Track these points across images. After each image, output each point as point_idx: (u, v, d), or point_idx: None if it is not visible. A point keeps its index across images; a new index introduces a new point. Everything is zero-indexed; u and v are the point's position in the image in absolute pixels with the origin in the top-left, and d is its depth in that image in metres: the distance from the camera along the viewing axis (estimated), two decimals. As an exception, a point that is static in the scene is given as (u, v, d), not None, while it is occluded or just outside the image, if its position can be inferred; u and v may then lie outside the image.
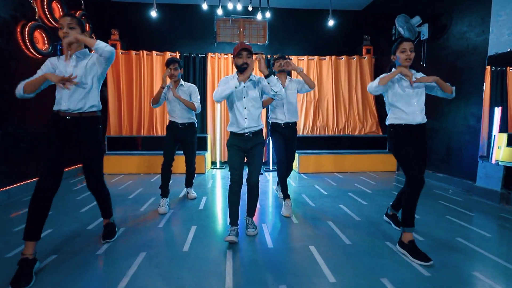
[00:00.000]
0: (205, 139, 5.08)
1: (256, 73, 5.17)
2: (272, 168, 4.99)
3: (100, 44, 1.80)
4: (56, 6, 3.93)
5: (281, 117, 2.84)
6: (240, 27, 6.06)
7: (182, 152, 3.13)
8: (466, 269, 1.75)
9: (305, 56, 5.48)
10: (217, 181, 4.22)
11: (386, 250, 2.00)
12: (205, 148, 5.03)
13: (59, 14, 3.97)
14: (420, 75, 2.18)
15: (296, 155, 4.90)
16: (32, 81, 1.79)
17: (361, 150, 5.06)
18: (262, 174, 4.68)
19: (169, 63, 2.87)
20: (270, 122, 2.95)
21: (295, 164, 4.97)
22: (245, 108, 2.14)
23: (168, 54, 5.26)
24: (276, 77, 2.75)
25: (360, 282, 1.61)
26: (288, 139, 2.86)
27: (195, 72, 5.37)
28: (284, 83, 2.94)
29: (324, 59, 5.53)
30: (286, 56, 2.95)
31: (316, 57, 5.49)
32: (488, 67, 3.18)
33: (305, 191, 3.60)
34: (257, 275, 1.69)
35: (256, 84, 2.20)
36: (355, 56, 5.55)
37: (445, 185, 3.86)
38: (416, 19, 4.18)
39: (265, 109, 3.24)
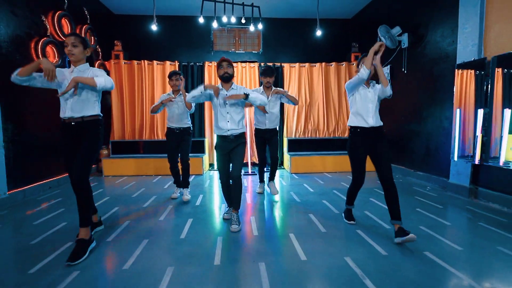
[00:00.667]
0: (203, 142, 5.41)
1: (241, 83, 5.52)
2: (266, 169, 5.31)
3: (100, 84, 2.06)
4: (65, 22, 4.30)
5: (262, 125, 3.40)
6: (236, 36, 6.42)
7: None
8: (420, 249, 2.06)
9: (297, 63, 5.82)
10: (214, 181, 4.54)
11: (355, 236, 2.31)
12: (203, 151, 5.36)
13: (67, 29, 4.34)
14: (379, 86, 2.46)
15: (288, 156, 5.23)
16: (27, 66, 1.99)
17: (350, 151, 5.37)
18: (256, 174, 5.00)
19: (171, 75, 3.33)
20: (254, 127, 3.44)
21: (287, 164, 5.30)
22: (227, 113, 2.50)
23: (168, 64, 5.61)
24: (261, 89, 3.17)
25: (327, 260, 1.93)
26: (269, 140, 3.44)
27: (193, 80, 5.72)
28: (269, 95, 3.37)
29: (315, 65, 5.86)
30: (276, 65, 3.36)
31: (307, 64, 5.83)
32: (457, 73, 3.49)
33: (294, 189, 3.91)
34: (241, 255, 2.00)
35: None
36: (344, 63, 5.89)
37: (424, 183, 4.16)
38: (396, 29, 4.52)
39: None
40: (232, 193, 2.56)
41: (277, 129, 3.54)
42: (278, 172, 5.19)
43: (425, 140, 4.23)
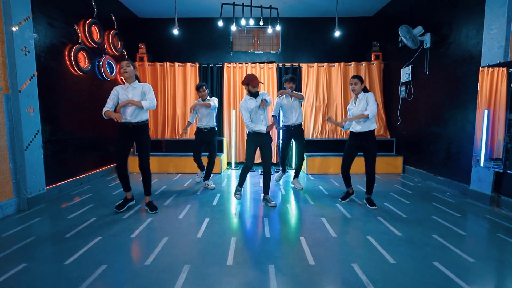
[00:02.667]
0: (221, 141, 5.59)
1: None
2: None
3: (145, 106, 2.92)
4: (94, 29, 4.61)
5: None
6: (255, 36, 6.49)
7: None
8: (430, 259, 2.08)
9: (315, 64, 5.80)
10: (232, 180, 4.70)
11: (365, 243, 2.35)
12: (221, 150, 5.54)
13: (97, 36, 4.64)
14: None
15: (304, 156, 5.26)
16: (106, 113, 2.92)
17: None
18: (272, 174, 5.09)
19: (198, 88, 4.07)
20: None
21: (303, 165, 5.34)
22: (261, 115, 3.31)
23: (189, 65, 5.82)
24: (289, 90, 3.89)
25: (334, 266, 2.00)
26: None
27: (213, 81, 5.89)
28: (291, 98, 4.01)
29: (334, 65, 5.82)
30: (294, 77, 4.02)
31: (325, 64, 5.80)
32: (486, 72, 3.34)
33: (308, 191, 3.97)
34: (253, 257, 2.13)
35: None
36: (364, 62, 5.78)
37: (444, 188, 4.06)
38: (418, 29, 4.38)
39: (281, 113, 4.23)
40: (265, 182, 3.36)
41: (302, 126, 4.17)
42: (293, 173, 5.25)
43: (446, 144, 4.11)
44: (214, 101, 4.06)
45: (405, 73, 5.00)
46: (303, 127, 4.27)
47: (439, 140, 4.26)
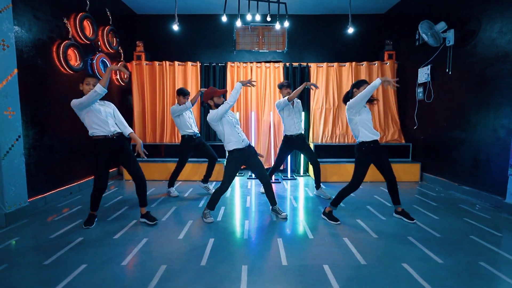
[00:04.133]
0: (222, 146, 5.17)
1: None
2: (290, 177, 5.01)
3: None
4: (87, 24, 4.22)
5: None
6: (259, 34, 6.12)
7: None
8: (488, 299, 1.69)
9: (324, 63, 5.43)
10: (236, 188, 4.30)
11: (401, 272, 1.96)
12: (223, 156, 5.14)
13: (89, 31, 4.25)
14: None
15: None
16: (104, 78, 2.66)
17: (382, 159, 4.93)
18: (280, 182, 4.71)
19: (185, 94, 3.84)
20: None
21: (311, 172, 4.95)
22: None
23: (189, 64, 5.43)
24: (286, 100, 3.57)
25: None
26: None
27: (215, 81, 5.50)
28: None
29: (344, 65, 5.45)
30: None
31: (335, 64, 5.43)
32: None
33: (323, 203, 3.58)
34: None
35: None
36: (376, 62, 5.42)
37: (471, 199, 3.68)
38: (441, 25, 4.02)
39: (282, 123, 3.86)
40: (268, 193, 3.02)
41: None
42: (303, 180, 4.88)
43: (473, 150, 3.73)
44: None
45: (424, 73, 4.62)
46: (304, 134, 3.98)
47: (464, 146, 3.88)
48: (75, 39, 3.97)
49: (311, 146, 5.20)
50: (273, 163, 4.12)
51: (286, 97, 3.57)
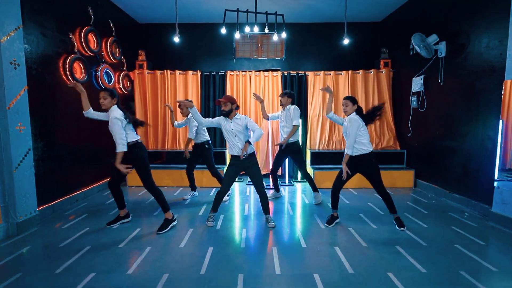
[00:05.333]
0: (223, 154, 5.35)
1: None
2: (288, 182, 5.16)
3: (118, 149, 2.87)
4: (91, 37, 4.39)
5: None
6: (258, 42, 6.27)
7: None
8: (463, 307, 1.84)
9: (322, 72, 5.57)
10: (235, 195, 4.46)
11: (386, 281, 2.12)
12: (223, 162, 5.30)
13: (94, 44, 4.42)
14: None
15: (311, 170, 5.04)
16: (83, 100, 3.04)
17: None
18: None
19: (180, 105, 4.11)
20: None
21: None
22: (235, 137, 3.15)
23: (190, 73, 5.59)
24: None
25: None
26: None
27: (215, 89, 5.66)
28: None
29: (341, 74, 5.59)
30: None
31: (332, 72, 5.57)
32: (506, 90, 3.12)
33: (318, 211, 3.74)
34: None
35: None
36: (372, 70, 5.56)
37: (461, 207, 3.82)
38: (433, 38, 4.15)
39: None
40: (262, 203, 3.22)
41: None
42: (300, 187, 5.03)
43: (463, 159, 3.87)
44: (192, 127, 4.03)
45: (417, 83, 4.76)
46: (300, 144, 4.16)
47: (455, 155, 4.02)
48: (80, 53, 4.14)
49: (308, 153, 5.35)
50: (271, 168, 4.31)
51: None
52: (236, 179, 3.48)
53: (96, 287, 2.07)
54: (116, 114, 2.84)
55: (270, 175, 4.33)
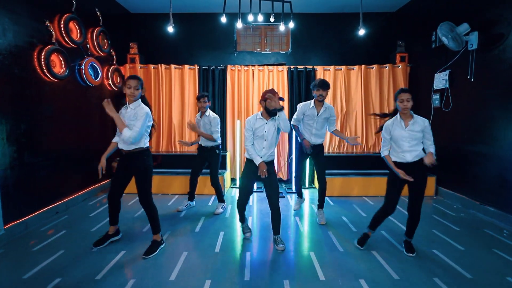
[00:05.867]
0: (224, 156, 4.84)
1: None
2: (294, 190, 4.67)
3: (124, 137, 2.47)
4: (73, 26, 3.85)
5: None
6: (262, 34, 5.74)
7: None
8: None
9: (332, 66, 5.05)
10: (235, 207, 3.96)
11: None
12: (223, 167, 4.80)
13: (76, 34, 3.89)
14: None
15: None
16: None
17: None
18: (284, 197, 4.37)
19: (199, 97, 3.54)
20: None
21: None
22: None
23: (187, 68, 5.07)
24: (312, 103, 3.38)
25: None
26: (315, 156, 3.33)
27: (214, 85, 5.14)
28: (319, 111, 3.34)
29: (353, 69, 5.07)
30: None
31: (343, 67, 5.05)
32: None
33: (331, 224, 3.25)
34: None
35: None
36: (387, 65, 5.04)
37: (496, 222, 3.33)
38: (464, 27, 3.62)
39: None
40: (274, 220, 2.72)
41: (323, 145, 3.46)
42: (308, 194, 4.54)
43: (500, 168, 3.37)
44: (215, 130, 3.57)
45: (441, 79, 4.24)
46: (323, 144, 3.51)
47: (488, 162, 3.52)
48: (60, 43, 3.61)
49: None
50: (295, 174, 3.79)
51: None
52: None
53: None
54: (147, 110, 2.57)
55: (295, 180, 3.85)
